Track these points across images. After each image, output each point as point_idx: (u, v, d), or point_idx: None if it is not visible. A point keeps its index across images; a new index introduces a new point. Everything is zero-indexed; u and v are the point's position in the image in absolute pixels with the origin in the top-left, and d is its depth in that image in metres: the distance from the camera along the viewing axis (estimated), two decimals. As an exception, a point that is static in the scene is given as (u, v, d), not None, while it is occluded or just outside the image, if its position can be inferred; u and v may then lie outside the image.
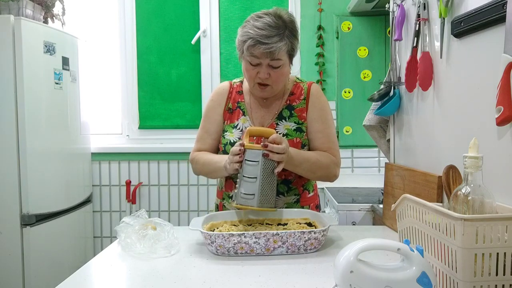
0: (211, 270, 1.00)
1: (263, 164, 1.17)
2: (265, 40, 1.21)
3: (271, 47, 1.21)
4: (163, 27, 2.84)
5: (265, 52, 1.22)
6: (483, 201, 0.80)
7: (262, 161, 1.17)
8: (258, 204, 1.16)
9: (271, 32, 1.22)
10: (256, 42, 1.22)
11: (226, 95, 1.44)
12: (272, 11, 1.29)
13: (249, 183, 1.17)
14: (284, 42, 1.24)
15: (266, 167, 1.18)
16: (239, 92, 1.44)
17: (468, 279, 0.75)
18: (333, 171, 1.35)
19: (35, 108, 2.20)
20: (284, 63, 1.28)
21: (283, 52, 1.25)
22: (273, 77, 1.29)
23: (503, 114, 0.83)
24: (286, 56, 1.28)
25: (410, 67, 1.32)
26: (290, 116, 1.38)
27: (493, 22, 0.92)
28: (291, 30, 1.27)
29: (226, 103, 1.43)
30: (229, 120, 1.41)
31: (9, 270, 2.13)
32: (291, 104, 1.39)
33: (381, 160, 2.68)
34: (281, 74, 1.30)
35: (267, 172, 1.18)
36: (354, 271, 0.74)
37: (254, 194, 1.17)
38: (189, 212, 2.78)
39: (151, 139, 2.86)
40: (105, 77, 2.92)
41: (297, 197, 1.38)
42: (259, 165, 1.17)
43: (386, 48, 2.63)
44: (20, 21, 2.11)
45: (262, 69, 1.27)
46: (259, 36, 1.22)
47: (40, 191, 2.23)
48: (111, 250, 1.18)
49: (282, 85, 1.36)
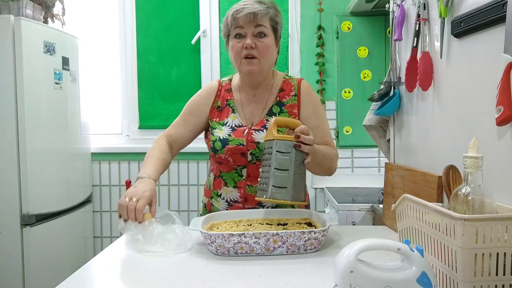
0: (211, 270, 1.00)
1: (295, 155, 1.14)
2: (248, 5, 1.30)
3: (254, 8, 1.28)
4: (163, 27, 2.84)
5: (249, 15, 1.28)
6: (483, 201, 0.80)
7: (294, 153, 1.14)
8: (291, 197, 1.13)
9: (254, 2, 1.31)
10: (240, 8, 1.30)
11: (215, 93, 1.45)
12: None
13: (280, 175, 1.13)
14: (265, 8, 1.30)
15: (297, 158, 1.14)
16: (228, 90, 1.45)
17: (468, 279, 0.75)
18: (335, 163, 1.37)
19: (35, 108, 2.20)
20: (268, 33, 1.32)
21: (265, 19, 1.30)
22: (259, 47, 1.31)
23: (503, 114, 0.83)
24: (269, 27, 1.32)
25: (410, 67, 1.32)
26: (281, 112, 1.38)
27: (493, 22, 0.92)
28: (274, 9, 1.34)
29: (214, 101, 1.44)
30: (218, 118, 1.42)
31: (9, 270, 2.13)
32: (281, 100, 1.40)
33: (381, 160, 2.68)
34: (266, 47, 1.32)
35: (298, 164, 1.14)
36: (354, 271, 0.73)
37: (287, 187, 1.12)
38: (189, 212, 2.78)
39: (151, 139, 2.82)
40: (105, 77, 2.92)
41: None
42: (291, 156, 1.13)
43: (386, 48, 2.63)
44: (20, 21, 2.11)
45: (248, 38, 1.31)
46: (243, 4, 1.31)
47: (40, 191, 2.23)
48: (111, 250, 1.18)
49: (269, 65, 1.37)
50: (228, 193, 1.39)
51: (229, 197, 1.39)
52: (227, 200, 1.39)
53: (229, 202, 1.39)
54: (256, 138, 1.34)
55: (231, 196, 1.39)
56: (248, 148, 1.34)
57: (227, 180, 1.39)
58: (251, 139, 1.34)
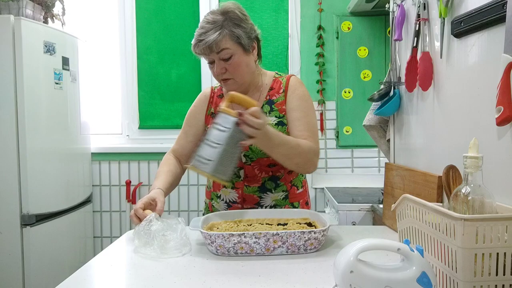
0: (211, 270, 1.00)
1: (232, 132, 1.09)
2: (202, 37, 1.26)
3: (206, 42, 1.24)
4: (163, 27, 2.84)
5: (205, 48, 1.25)
6: (483, 201, 0.80)
7: (233, 130, 1.09)
8: (212, 171, 1.08)
9: (207, 29, 1.26)
10: (196, 41, 1.27)
11: (208, 100, 1.47)
12: (216, 8, 1.33)
13: (210, 147, 1.10)
14: (219, 32, 1.25)
15: (233, 136, 1.09)
16: (220, 96, 1.46)
17: (468, 279, 0.75)
18: (312, 160, 1.29)
19: (35, 108, 2.20)
20: (234, 52, 1.28)
21: (224, 42, 1.25)
22: (229, 69, 1.29)
23: (503, 114, 0.83)
24: (233, 45, 1.27)
25: (410, 67, 1.32)
26: (271, 110, 1.37)
27: (493, 22, 0.92)
28: (231, 19, 1.28)
29: (208, 108, 1.46)
30: None
31: (9, 270, 2.13)
32: (271, 98, 1.39)
33: (381, 160, 2.68)
34: (236, 65, 1.29)
35: (232, 142, 1.09)
36: (354, 271, 0.73)
37: (212, 160, 1.08)
38: (189, 212, 2.78)
39: (151, 139, 2.86)
40: (105, 77, 2.92)
41: (285, 194, 1.39)
42: (227, 132, 1.09)
43: (386, 48, 2.63)
44: (20, 21, 2.11)
45: (216, 65, 1.30)
46: (198, 35, 1.27)
47: (40, 191, 2.23)
48: (111, 250, 1.18)
49: (247, 77, 1.34)
50: (227, 194, 1.40)
51: (228, 198, 1.39)
52: (226, 201, 1.40)
53: (228, 203, 1.40)
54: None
55: (229, 197, 1.39)
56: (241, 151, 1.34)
57: None
58: None
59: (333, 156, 2.75)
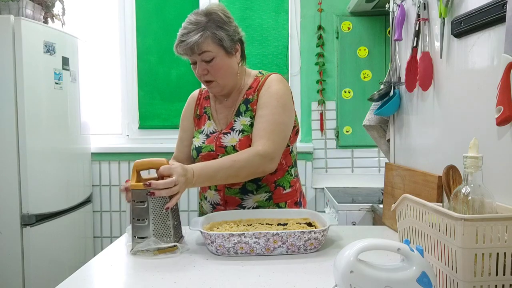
0: (211, 270, 1.00)
1: (152, 202, 1.09)
2: (184, 38, 1.25)
3: (188, 43, 1.24)
4: (163, 27, 2.84)
5: (186, 49, 1.25)
6: (483, 201, 0.80)
7: (150, 201, 1.09)
8: (154, 245, 1.09)
9: (190, 29, 1.25)
10: (178, 42, 1.27)
11: (195, 102, 1.48)
12: (200, 9, 1.31)
13: (139, 226, 1.10)
14: (200, 34, 1.24)
15: (154, 205, 1.09)
16: (206, 98, 1.47)
17: (468, 279, 0.75)
18: (258, 165, 1.21)
19: (35, 108, 2.20)
20: (216, 54, 1.27)
21: (205, 44, 1.25)
22: (211, 71, 1.29)
23: (503, 114, 0.83)
24: (215, 47, 1.26)
25: (410, 67, 1.32)
26: (246, 110, 1.35)
27: (493, 22, 0.92)
28: (214, 21, 1.26)
29: (195, 110, 1.47)
30: (197, 126, 1.45)
31: (9, 270, 2.13)
32: (247, 97, 1.37)
33: (381, 160, 2.68)
34: (218, 67, 1.29)
35: (156, 210, 1.10)
36: (354, 271, 0.73)
37: (147, 237, 1.09)
38: (189, 212, 2.78)
39: (151, 139, 2.86)
40: (105, 77, 2.92)
41: (268, 194, 1.37)
42: (146, 205, 1.09)
43: (386, 48, 2.63)
44: (20, 21, 2.11)
45: (198, 66, 1.30)
46: (180, 35, 1.27)
47: (40, 191, 2.23)
48: (111, 250, 1.18)
49: (230, 79, 1.34)
50: (211, 196, 1.40)
51: (213, 200, 1.40)
52: (212, 203, 1.40)
53: (213, 204, 1.40)
54: (224, 142, 1.32)
55: (214, 199, 1.39)
56: (218, 153, 1.32)
57: None
58: (220, 144, 1.33)
59: (333, 156, 2.75)
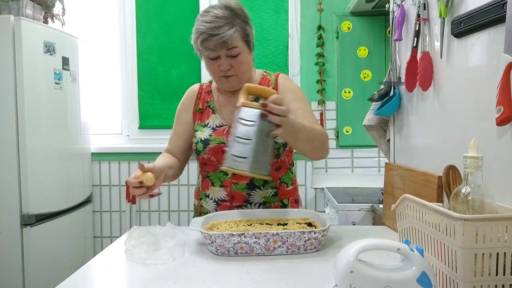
0: (211, 270, 1.00)
1: (260, 125, 1.05)
2: (215, 31, 1.23)
3: (222, 37, 1.23)
4: (163, 27, 2.84)
5: (219, 43, 1.24)
6: (483, 201, 0.80)
7: (260, 122, 1.04)
8: (250, 168, 1.05)
9: (220, 23, 1.23)
10: (207, 36, 1.23)
11: (195, 96, 1.46)
12: (218, 3, 1.30)
13: (242, 144, 1.05)
14: (234, 29, 1.24)
15: (263, 128, 1.05)
16: (208, 92, 1.46)
17: (468, 279, 0.75)
18: (326, 143, 1.29)
19: (35, 108, 2.20)
20: (242, 50, 1.29)
21: (236, 39, 1.26)
22: (234, 66, 1.29)
23: (503, 114, 0.83)
24: (242, 43, 1.28)
25: (410, 67, 1.32)
26: None
27: (493, 22, 0.92)
28: (240, 17, 1.28)
29: (195, 104, 1.45)
30: (199, 120, 1.43)
31: (9, 270, 2.13)
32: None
33: (381, 160, 2.68)
34: (241, 62, 1.30)
35: (263, 134, 1.05)
36: (354, 271, 0.74)
37: (247, 157, 1.04)
38: (189, 212, 2.78)
39: (151, 139, 2.86)
40: (105, 77, 2.92)
41: (274, 190, 1.38)
42: (255, 126, 1.05)
43: (386, 48, 2.63)
44: (20, 21, 2.11)
45: (222, 61, 1.28)
46: (209, 29, 1.23)
47: (40, 191, 2.23)
48: (111, 250, 1.18)
49: (247, 74, 1.35)
50: (215, 193, 1.39)
51: (217, 196, 1.39)
52: (215, 200, 1.39)
53: (217, 201, 1.39)
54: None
55: (218, 195, 1.38)
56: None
57: (214, 180, 1.38)
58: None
59: (333, 156, 2.74)
